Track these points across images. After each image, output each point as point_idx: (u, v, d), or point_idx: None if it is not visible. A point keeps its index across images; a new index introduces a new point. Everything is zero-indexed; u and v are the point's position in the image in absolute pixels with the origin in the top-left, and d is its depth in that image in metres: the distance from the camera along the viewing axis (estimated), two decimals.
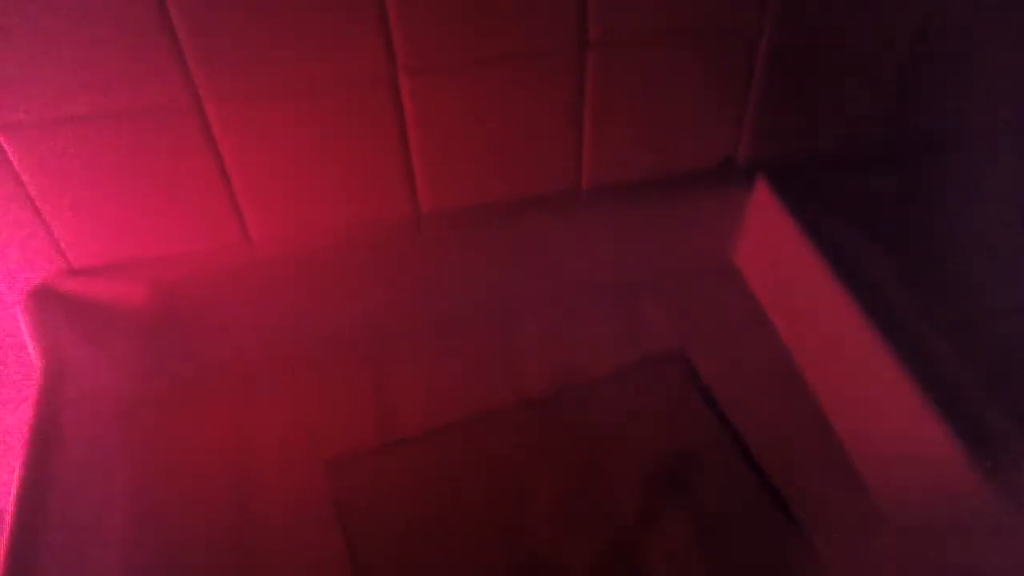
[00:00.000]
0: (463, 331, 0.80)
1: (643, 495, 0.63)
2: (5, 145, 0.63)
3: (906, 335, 0.64)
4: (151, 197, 0.69)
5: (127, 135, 0.65)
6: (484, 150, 0.74)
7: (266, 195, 0.71)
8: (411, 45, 0.65)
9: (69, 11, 0.58)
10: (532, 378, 0.76)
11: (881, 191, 0.81)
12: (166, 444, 0.72)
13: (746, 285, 0.84)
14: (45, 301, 0.70)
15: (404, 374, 0.77)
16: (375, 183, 0.73)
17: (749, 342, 0.78)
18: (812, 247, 0.72)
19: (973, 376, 0.61)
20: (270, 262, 0.74)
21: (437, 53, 0.66)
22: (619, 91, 0.72)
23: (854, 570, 0.60)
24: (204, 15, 0.60)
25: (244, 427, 0.73)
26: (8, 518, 0.57)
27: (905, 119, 0.81)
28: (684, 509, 0.61)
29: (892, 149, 0.83)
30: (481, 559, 0.61)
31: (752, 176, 0.80)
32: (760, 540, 0.60)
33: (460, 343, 0.79)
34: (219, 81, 0.63)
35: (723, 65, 0.73)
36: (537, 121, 0.73)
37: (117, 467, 0.69)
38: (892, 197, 0.80)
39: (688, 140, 0.78)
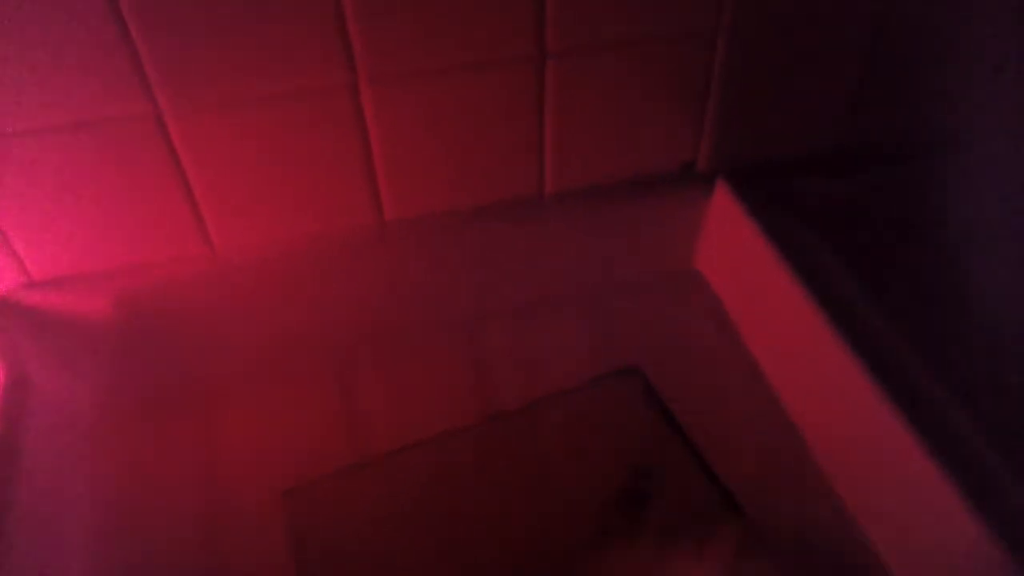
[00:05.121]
0: (429, 341, 0.80)
1: (602, 513, 0.63)
2: None
3: (868, 337, 0.65)
4: (113, 209, 0.69)
5: (87, 147, 0.64)
6: (447, 158, 0.74)
7: (229, 206, 0.71)
8: (371, 55, 0.65)
9: (27, 25, 0.57)
10: (499, 389, 0.76)
11: (840, 194, 0.82)
12: (132, 459, 0.71)
13: (709, 288, 0.85)
14: (6, 314, 0.69)
15: (372, 386, 0.77)
16: (339, 192, 0.73)
17: (712, 345, 0.79)
18: (773, 250, 0.73)
19: (938, 378, 0.62)
20: (234, 273, 0.74)
21: (397, 63, 0.66)
22: (579, 98, 0.73)
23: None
24: (163, 27, 0.60)
25: (211, 441, 0.73)
26: None
27: (864, 122, 0.82)
28: (643, 524, 0.61)
29: (852, 152, 0.84)
30: None
31: (712, 180, 0.81)
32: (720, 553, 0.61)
33: (426, 354, 0.79)
34: (179, 93, 0.63)
35: (681, 71, 0.74)
36: (499, 129, 0.73)
37: (81, 481, 0.69)
38: (852, 199, 0.81)
39: (648, 145, 0.79)
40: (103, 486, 0.69)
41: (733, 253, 0.80)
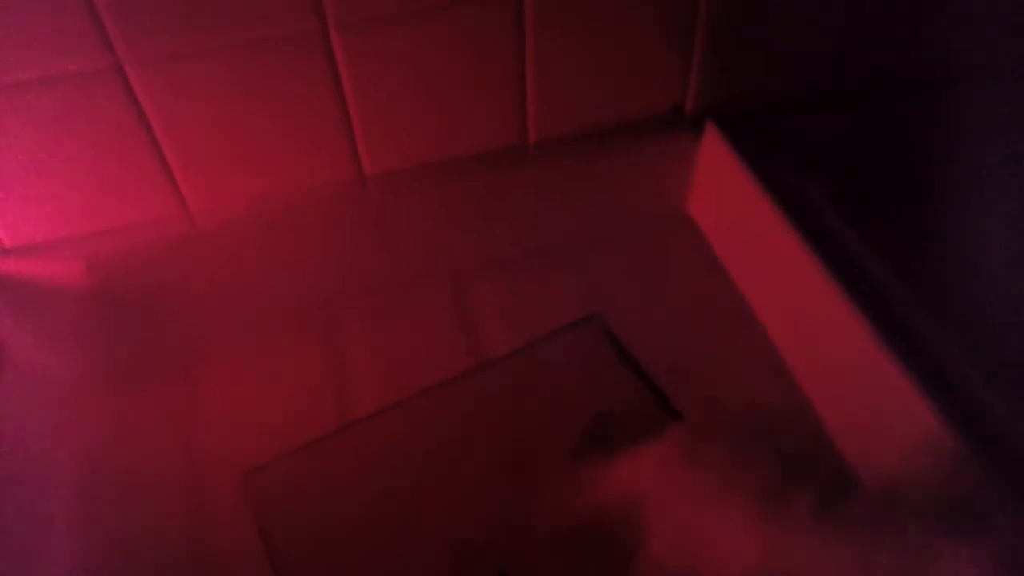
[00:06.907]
0: (414, 298, 0.78)
1: (568, 461, 0.62)
2: None
3: (860, 277, 0.64)
4: (81, 171, 0.67)
5: (50, 106, 0.62)
6: (426, 107, 0.72)
7: (201, 163, 0.69)
8: None
9: None
10: (487, 345, 0.74)
11: (833, 133, 0.80)
12: (111, 426, 0.70)
13: (700, 233, 0.82)
14: None
15: (358, 346, 0.75)
16: (315, 146, 0.71)
17: (704, 290, 0.77)
18: (763, 192, 0.71)
19: (929, 315, 0.61)
20: (210, 235, 0.72)
21: (368, 7, 0.64)
22: (561, 40, 0.70)
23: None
24: None
25: (193, 406, 0.71)
26: None
27: (854, 59, 0.79)
28: (609, 468, 0.60)
29: (844, 90, 0.81)
30: (409, 558, 0.60)
31: (701, 123, 0.79)
32: None
33: (412, 311, 0.77)
34: (139, 44, 0.61)
35: (668, 10, 0.71)
36: (477, 75, 0.71)
37: (59, 449, 0.68)
38: (843, 139, 0.80)
39: (635, 89, 0.76)
40: (81, 454, 0.68)
41: (724, 197, 0.78)
